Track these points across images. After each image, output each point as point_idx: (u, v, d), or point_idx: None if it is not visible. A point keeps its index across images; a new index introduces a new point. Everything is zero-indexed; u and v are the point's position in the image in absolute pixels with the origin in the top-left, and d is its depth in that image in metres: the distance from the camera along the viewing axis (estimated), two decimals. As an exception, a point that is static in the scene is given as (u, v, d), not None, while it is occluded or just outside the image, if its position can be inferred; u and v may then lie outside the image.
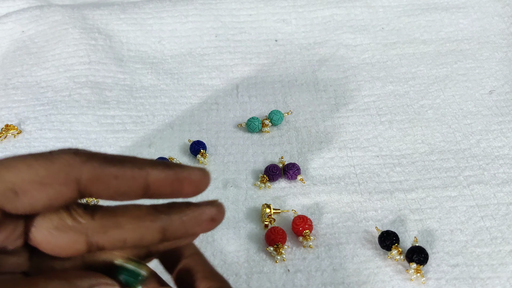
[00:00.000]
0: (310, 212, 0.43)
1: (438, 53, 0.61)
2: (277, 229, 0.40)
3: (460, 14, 0.65)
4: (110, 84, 0.58)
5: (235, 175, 0.47)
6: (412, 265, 0.38)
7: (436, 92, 0.55)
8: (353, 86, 0.57)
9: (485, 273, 0.38)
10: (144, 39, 0.65)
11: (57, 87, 0.58)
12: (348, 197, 0.44)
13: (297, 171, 0.46)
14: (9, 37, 0.65)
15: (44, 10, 0.67)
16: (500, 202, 0.43)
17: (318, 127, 0.52)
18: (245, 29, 0.66)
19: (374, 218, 0.43)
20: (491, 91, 0.55)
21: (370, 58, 0.61)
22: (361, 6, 0.67)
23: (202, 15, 0.67)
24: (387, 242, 0.39)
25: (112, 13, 0.67)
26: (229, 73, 0.60)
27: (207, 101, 0.56)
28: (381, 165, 0.47)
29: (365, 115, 0.53)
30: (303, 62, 0.61)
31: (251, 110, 0.55)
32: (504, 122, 0.51)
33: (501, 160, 0.47)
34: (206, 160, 0.48)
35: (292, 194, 0.45)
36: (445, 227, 0.42)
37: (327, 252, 0.40)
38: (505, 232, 0.41)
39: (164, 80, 0.59)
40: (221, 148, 0.50)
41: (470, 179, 0.45)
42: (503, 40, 0.62)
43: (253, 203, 0.44)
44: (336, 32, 0.65)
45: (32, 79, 0.59)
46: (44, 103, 0.55)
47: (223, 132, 0.52)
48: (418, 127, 0.51)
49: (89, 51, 0.62)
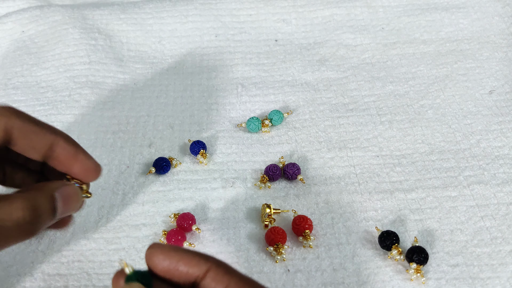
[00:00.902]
0: (310, 212, 0.43)
1: (438, 53, 0.61)
2: (277, 229, 0.40)
3: (460, 14, 0.65)
4: (110, 84, 0.58)
5: (235, 175, 0.47)
6: (412, 265, 0.38)
7: (436, 92, 0.55)
8: (353, 86, 0.57)
9: (485, 273, 0.38)
10: (144, 39, 0.65)
11: (57, 87, 0.58)
12: (348, 197, 0.44)
13: (297, 171, 0.46)
14: (9, 37, 0.65)
15: (44, 10, 0.67)
16: (500, 202, 0.43)
17: (318, 127, 0.52)
18: (245, 29, 0.66)
19: (374, 218, 0.43)
20: (491, 91, 0.55)
21: (370, 58, 0.61)
22: (361, 6, 0.67)
23: (202, 15, 0.67)
24: (387, 242, 0.39)
25: (112, 13, 0.67)
26: (229, 73, 0.60)
27: (207, 101, 0.56)
28: (381, 165, 0.47)
29: (365, 115, 0.53)
30: (303, 62, 0.61)
31: (251, 110, 0.55)
32: (504, 122, 0.51)
33: (501, 160, 0.47)
34: (206, 160, 0.48)
35: (292, 194, 0.45)
36: (445, 227, 0.42)
37: (327, 252, 0.40)
38: (505, 232, 0.41)
39: (164, 80, 0.59)
40: (221, 148, 0.50)
41: (470, 179, 0.45)
42: (503, 40, 0.62)
43: (253, 203, 0.44)
44: (336, 32, 0.65)
45: (32, 79, 0.59)
46: (44, 103, 0.55)
47: (223, 132, 0.52)
48: (418, 127, 0.51)
49: (89, 51, 0.62)
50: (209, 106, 0.55)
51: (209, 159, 0.49)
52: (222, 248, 0.41)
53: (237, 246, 0.41)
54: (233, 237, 0.42)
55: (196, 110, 0.55)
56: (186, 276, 0.26)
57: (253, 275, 0.39)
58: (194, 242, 0.41)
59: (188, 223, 0.42)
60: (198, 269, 0.26)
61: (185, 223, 0.41)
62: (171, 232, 0.41)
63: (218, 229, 0.42)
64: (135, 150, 0.50)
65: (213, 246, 0.41)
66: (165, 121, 0.54)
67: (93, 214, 0.44)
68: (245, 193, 0.45)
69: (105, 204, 0.45)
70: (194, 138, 0.51)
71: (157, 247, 0.27)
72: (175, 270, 0.26)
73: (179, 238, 0.41)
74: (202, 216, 0.43)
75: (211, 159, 0.49)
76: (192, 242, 0.41)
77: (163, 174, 0.47)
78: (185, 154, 0.50)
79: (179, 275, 0.26)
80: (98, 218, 0.44)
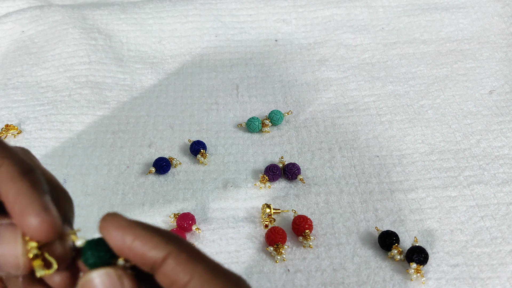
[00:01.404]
0: (310, 212, 0.43)
1: (438, 53, 0.61)
2: (277, 229, 0.40)
3: (460, 14, 0.65)
4: (110, 84, 0.58)
5: (235, 175, 0.47)
6: (412, 265, 0.38)
7: (436, 92, 0.55)
8: (353, 86, 0.57)
9: (485, 273, 0.38)
10: (144, 39, 0.65)
11: (57, 87, 0.58)
12: (348, 197, 0.44)
13: (297, 171, 0.46)
14: (9, 37, 0.65)
15: (44, 10, 0.67)
16: (500, 202, 0.43)
17: (318, 127, 0.52)
18: (245, 29, 0.66)
19: (374, 218, 0.43)
20: (491, 91, 0.55)
21: (370, 58, 0.61)
22: (361, 6, 0.67)
23: (202, 15, 0.67)
24: (387, 242, 0.39)
25: (112, 13, 0.67)
26: (229, 73, 0.60)
27: (207, 101, 0.56)
28: (381, 165, 0.47)
29: (365, 115, 0.53)
30: (303, 62, 0.61)
31: (251, 110, 0.55)
32: (504, 122, 0.51)
33: (501, 160, 0.47)
34: (206, 160, 0.48)
35: (292, 194, 0.45)
36: (445, 227, 0.42)
37: (327, 252, 0.40)
38: (505, 232, 0.41)
39: (164, 80, 0.59)
40: (221, 148, 0.50)
41: (470, 179, 0.45)
42: (503, 40, 0.62)
43: (253, 203, 0.44)
44: (336, 32, 0.65)
45: (32, 79, 0.59)
46: (44, 103, 0.55)
47: (223, 132, 0.52)
48: (418, 127, 0.51)
49: (89, 51, 0.62)
50: (209, 106, 0.55)
51: (209, 159, 0.49)
52: (222, 248, 0.41)
53: (237, 246, 0.41)
54: (233, 237, 0.42)
55: (196, 110, 0.55)
56: (141, 259, 0.21)
57: (253, 275, 0.39)
58: (194, 242, 0.41)
59: (188, 223, 0.42)
60: (155, 253, 0.21)
61: (185, 223, 0.41)
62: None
63: (218, 229, 0.42)
64: (135, 150, 0.50)
65: (213, 246, 0.41)
66: (165, 121, 0.54)
67: (93, 214, 0.44)
68: (245, 193, 0.45)
69: (105, 204, 0.45)
70: (194, 138, 0.51)
71: (112, 219, 0.22)
72: (129, 250, 0.21)
73: (179, 238, 0.40)
74: (202, 216, 0.43)
75: (211, 159, 0.49)
76: (192, 242, 0.41)
77: (163, 174, 0.47)
78: (185, 154, 0.50)
79: (134, 256, 0.21)
80: (98, 218, 0.43)
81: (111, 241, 0.21)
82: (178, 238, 0.22)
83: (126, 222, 0.22)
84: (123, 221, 0.22)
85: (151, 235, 0.21)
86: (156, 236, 0.21)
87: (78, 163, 0.49)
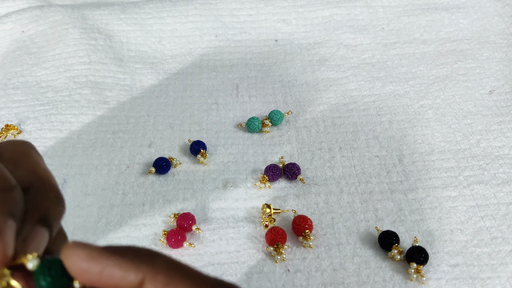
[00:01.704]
0: (310, 212, 0.43)
1: (438, 53, 0.61)
2: (277, 229, 0.40)
3: (460, 14, 0.65)
4: (110, 84, 0.58)
5: (235, 175, 0.47)
6: (412, 265, 0.38)
7: (436, 92, 0.55)
8: (353, 86, 0.57)
9: (485, 273, 0.38)
10: (144, 39, 0.65)
11: (57, 87, 0.58)
12: (348, 197, 0.44)
13: (297, 171, 0.46)
14: (9, 37, 0.65)
15: (44, 10, 0.67)
16: (500, 202, 0.43)
17: (318, 127, 0.52)
18: (245, 29, 0.66)
19: (374, 218, 0.43)
20: (491, 91, 0.55)
21: (370, 58, 0.61)
22: (361, 6, 0.67)
23: (202, 15, 0.67)
24: (387, 242, 0.39)
25: (112, 13, 0.67)
26: (229, 73, 0.60)
27: (207, 101, 0.56)
28: (381, 165, 0.47)
29: (365, 115, 0.53)
30: (303, 62, 0.61)
31: (251, 110, 0.55)
32: (504, 122, 0.51)
33: (501, 160, 0.47)
34: (206, 160, 0.48)
35: (292, 194, 0.45)
36: (445, 227, 0.42)
37: (327, 252, 0.40)
38: (505, 232, 0.41)
39: (164, 80, 0.59)
40: (221, 148, 0.50)
41: (470, 179, 0.45)
42: (503, 40, 0.62)
43: (253, 203, 0.44)
44: (336, 32, 0.65)
45: (32, 79, 0.59)
46: (44, 103, 0.55)
47: (223, 132, 0.52)
48: (418, 127, 0.51)
49: (89, 51, 0.62)
50: (209, 106, 0.55)
51: (209, 159, 0.49)
52: (222, 248, 0.41)
53: (237, 246, 0.41)
54: (233, 237, 0.42)
55: (196, 110, 0.55)
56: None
57: (253, 275, 0.39)
58: (194, 242, 0.41)
59: (188, 223, 0.42)
60: (129, 282, 0.19)
61: (185, 223, 0.41)
62: (171, 232, 0.41)
63: (218, 229, 0.42)
64: (135, 150, 0.50)
65: (213, 246, 0.41)
66: (165, 121, 0.54)
67: (93, 214, 0.44)
68: (245, 193, 0.45)
69: (105, 204, 0.45)
70: (194, 138, 0.51)
71: (75, 249, 0.20)
72: (99, 282, 0.19)
73: (179, 238, 0.41)
74: (202, 216, 0.43)
75: (211, 159, 0.49)
76: (192, 242, 0.41)
77: (163, 174, 0.47)
78: (185, 154, 0.50)
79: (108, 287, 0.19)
80: (98, 218, 0.44)
81: (77, 276, 0.20)
82: (153, 256, 0.20)
83: (90, 252, 0.20)
84: (87, 250, 0.20)
85: (119, 262, 0.19)
86: (125, 262, 0.19)
87: (78, 163, 0.49)
